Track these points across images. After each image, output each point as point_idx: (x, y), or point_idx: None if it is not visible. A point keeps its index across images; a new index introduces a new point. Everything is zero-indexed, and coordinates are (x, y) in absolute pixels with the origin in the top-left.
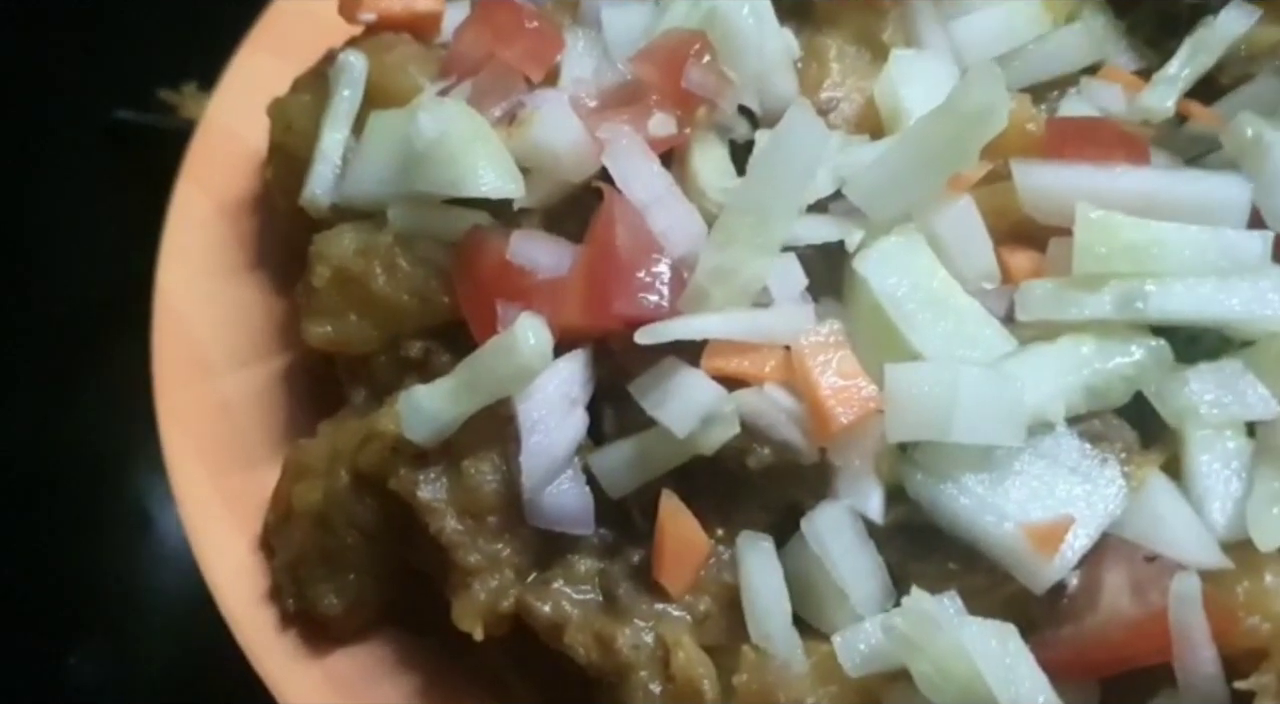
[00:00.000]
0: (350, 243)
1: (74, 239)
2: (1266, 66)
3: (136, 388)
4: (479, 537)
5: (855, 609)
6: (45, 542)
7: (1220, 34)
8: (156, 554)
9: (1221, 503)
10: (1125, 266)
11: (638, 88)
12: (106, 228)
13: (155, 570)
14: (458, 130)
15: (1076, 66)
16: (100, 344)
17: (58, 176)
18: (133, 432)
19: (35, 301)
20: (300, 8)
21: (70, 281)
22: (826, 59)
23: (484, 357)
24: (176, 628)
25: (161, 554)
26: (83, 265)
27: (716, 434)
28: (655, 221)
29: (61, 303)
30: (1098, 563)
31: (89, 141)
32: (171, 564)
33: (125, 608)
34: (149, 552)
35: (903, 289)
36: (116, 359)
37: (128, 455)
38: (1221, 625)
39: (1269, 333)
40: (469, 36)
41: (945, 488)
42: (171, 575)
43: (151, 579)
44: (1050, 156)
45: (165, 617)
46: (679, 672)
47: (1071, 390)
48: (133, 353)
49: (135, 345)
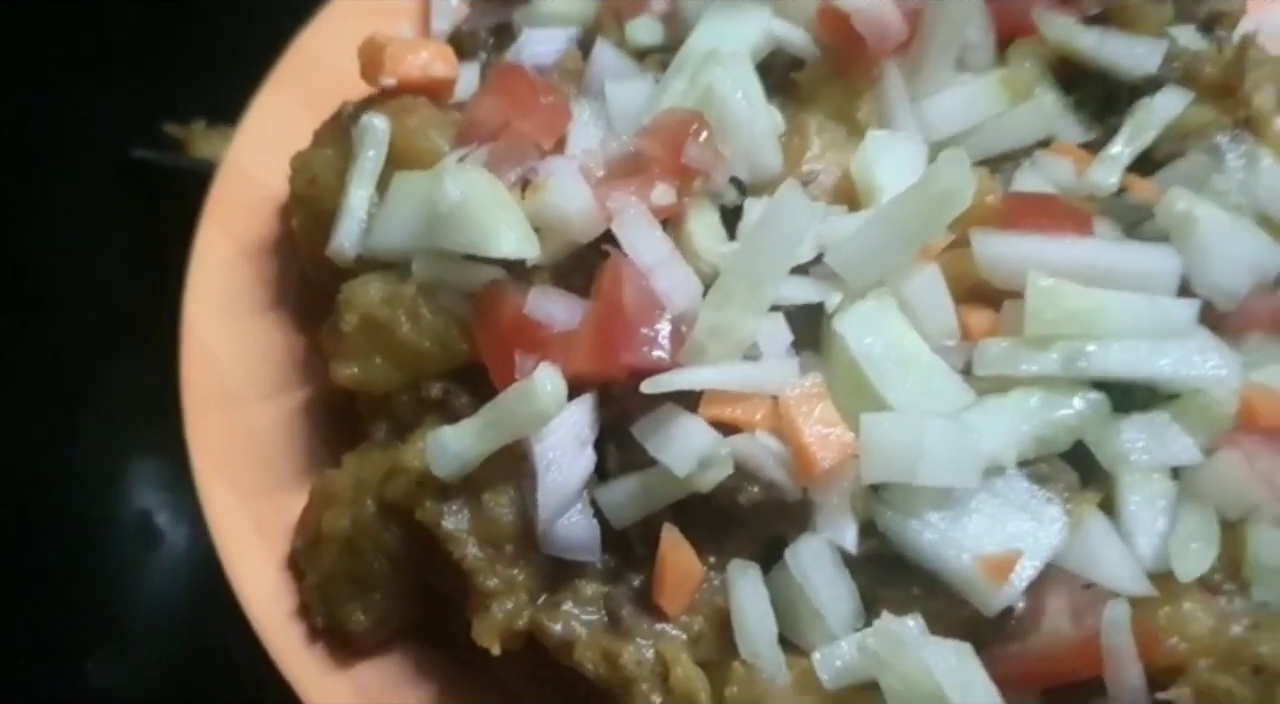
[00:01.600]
0: (376, 292)
1: (89, 266)
2: (1196, 145)
3: (142, 406)
4: (497, 563)
5: (831, 629)
6: (60, 554)
7: (1157, 115)
8: (165, 565)
9: (1148, 538)
10: (1070, 329)
11: (642, 160)
12: (119, 257)
13: (164, 581)
14: (479, 195)
15: (1030, 140)
16: (110, 363)
17: (77, 208)
18: (138, 447)
19: (50, 324)
20: (315, 55)
21: (83, 306)
22: (809, 134)
23: (504, 402)
24: (183, 633)
25: (170, 565)
26: (96, 291)
27: (713, 474)
28: (658, 283)
29: (74, 325)
30: (1042, 590)
31: (108, 177)
32: (179, 575)
33: (136, 616)
34: (158, 563)
35: (876, 347)
36: (126, 377)
37: (136, 471)
38: (1146, 645)
39: (1193, 389)
40: (486, 105)
41: (911, 523)
42: (179, 585)
43: (160, 589)
44: (1007, 227)
45: (173, 623)
46: (677, 684)
47: (1022, 438)
48: (140, 370)
49: (142, 364)
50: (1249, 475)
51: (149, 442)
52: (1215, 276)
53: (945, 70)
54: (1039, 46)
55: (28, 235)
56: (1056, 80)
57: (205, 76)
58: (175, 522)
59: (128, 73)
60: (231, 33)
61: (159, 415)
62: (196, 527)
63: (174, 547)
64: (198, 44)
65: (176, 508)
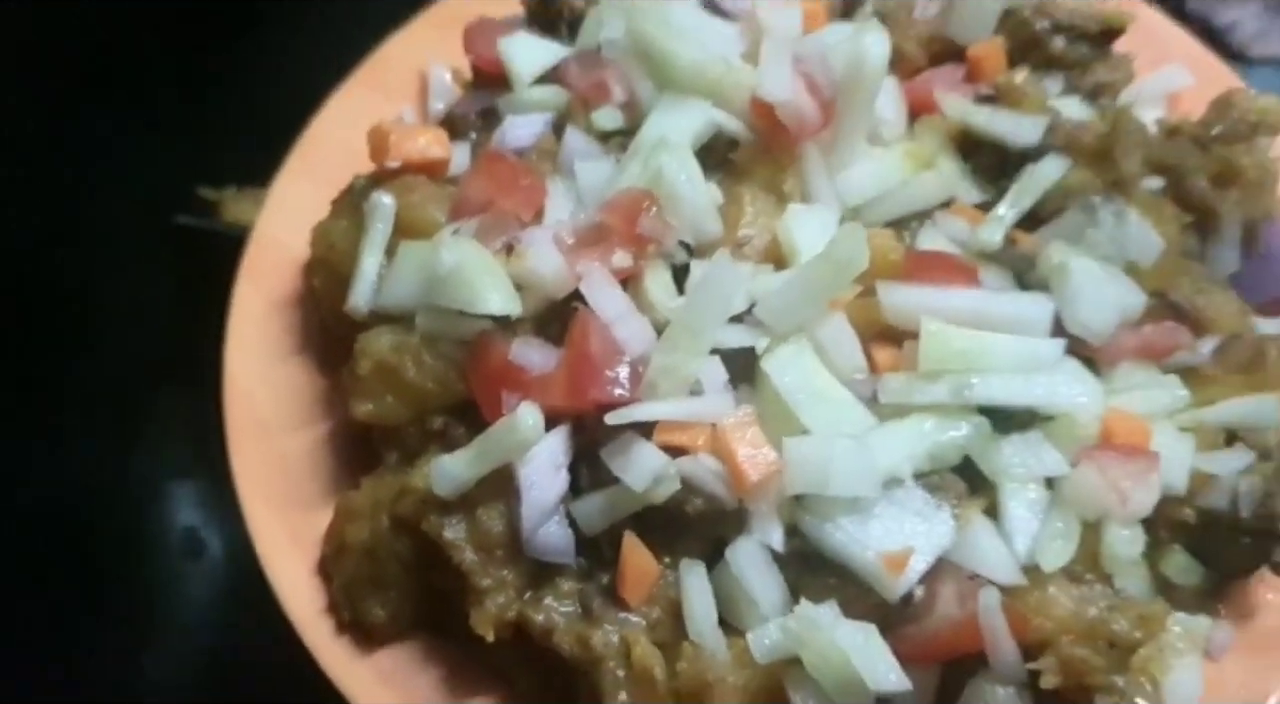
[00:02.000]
0: (387, 342)
1: (137, 314)
2: (1074, 203)
3: (185, 436)
4: (489, 565)
5: (763, 615)
6: (117, 562)
7: (1039, 179)
8: (208, 573)
9: (1023, 538)
10: (956, 365)
11: (605, 230)
12: (163, 307)
13: (207, 587)
14: (470, 261)
15: (934, 203)
16: (156, 398)
17: (126, 264)
18: (181, 471)
19: (104, 364)
20: (328, 135)
21: (132, 349)
22: (743, 204)
23: (494, 433)
24: (226, 632)
25: (212, 573)
26: (143, 336)
27: (664, 489)
28: (619, 332)
29: (125, 365)
30: (935, 581)
31: (152, 238)
32: (220, 582)
33: (184, 616)
34: (201, 572)
35: (795, 383)
36: (170, 411)
37: (180, 491)
38: (1017, 624)
39: (1061, 413)
40: (475, 185)
41: (825, 526)
42: (220, 590)
43: (204, 594)
44: (907, 279)
45: (216, 623)
46: (638, 661)
47: (917, 455)
48: (182, 405)
49: (184, 400)
50: (1103, 485)
51: (191, 466)
52: (1085, 317)
53: (858, 146)
54: (941, 121)
55: (84, 288)
56: (956, 150)
57: (234, 147)
58: (215, 536)
59: (168, 144)
60: (257, 109)
61: (199, 443)
62: (233, 540)
63: (214, 557)
64: (228, 119)
65: (216, 524)
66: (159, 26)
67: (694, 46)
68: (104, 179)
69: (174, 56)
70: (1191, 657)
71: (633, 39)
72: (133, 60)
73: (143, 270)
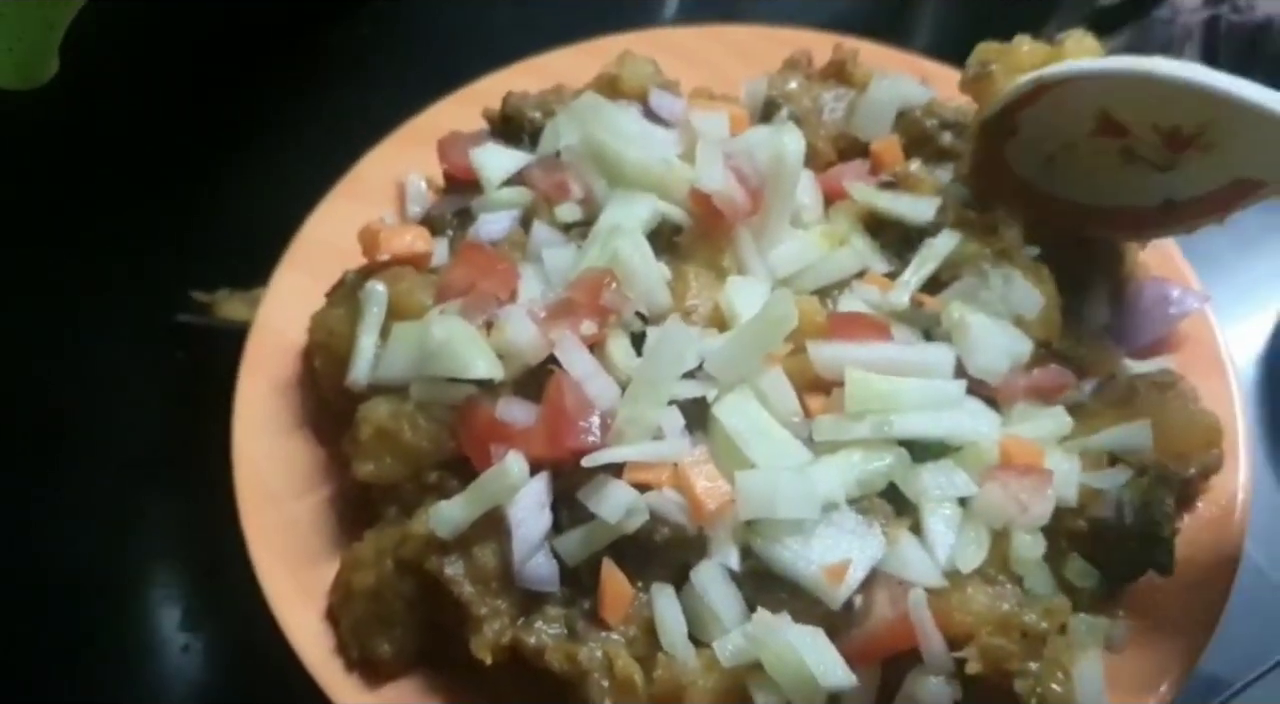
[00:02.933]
0: (384, 410)
1: (135, 407)
2: (968, 269)
3: (187, 520)
4: (486, 596)
5: (725, 627)
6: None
7: (937, 250)
8: (197, 667)
9: (943, 548)
10: (877, 406)
11: (572, 304)
12: (158, 401)
13: (197, 676)
14: (458, 335)
15: (849, 274)
16: (153, 490)
17: (124, 362)
18: (184, 556)
19: (96, 453)
20: (317, 238)
21: (122, 444)
22: (688, 279)
23: (485, 480)
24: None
25: (202, 666)
26: (138, 429)
27: (634, 520)
28: (589, 389)
29: (115, 459)
30: (870, 589)
31: (148, 336)
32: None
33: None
34: (191, 665)
35: (742, 425)
36: (169, 501)
37: (182, 569)
38: (942, 620)
39: (967, 442)
40: (458, 272)
41: (775, 547)
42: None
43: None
44: (831, 337)
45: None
46: (620, 672)
47: (849, 483)
48: (175, 501)
49: (177, 495)
50: (1006, 498)
51: (191, 550)
52: (982, 362)
53: (783, 228)
54: (851, 205)
55: (84, 386)
56: (865, 229)
57: (225, 256)
58: (213, 608)
59: (162, 254)
60: (242, 220)
61: (202, 524)
62: (223, 635)
63: (205, 650)
64: (216, 230)
65: (215, 595)
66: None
67: (639, 149)
68: (102, 281)
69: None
70: (1094, 650)
71: (587, 145)
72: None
73: (146, 369)
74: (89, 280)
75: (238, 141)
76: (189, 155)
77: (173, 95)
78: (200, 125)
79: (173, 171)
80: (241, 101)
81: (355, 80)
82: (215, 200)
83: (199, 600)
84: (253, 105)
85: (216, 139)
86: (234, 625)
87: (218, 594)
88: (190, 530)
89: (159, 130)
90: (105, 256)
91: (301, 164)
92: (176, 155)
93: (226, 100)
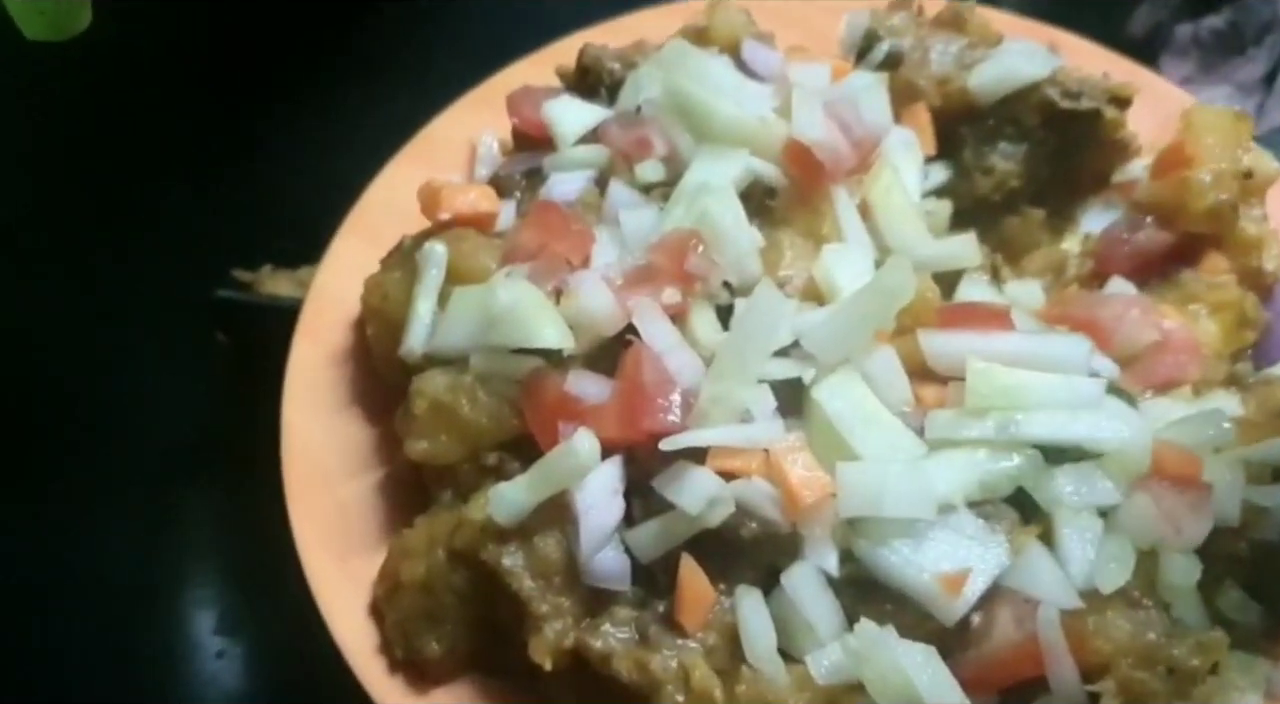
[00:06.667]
0: (441, 382)
1: (174, 394)
2: None
3: (227, 511)
4: (548, 592)
5: (821, 640)
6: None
7: None
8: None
9: (1079, 564)
10: (1002, 402)
11: (653, 270)
12: (199, 386)
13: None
14: (525, 301)
15: (967, 264)
16: (189, 484)
17: (164, 347)
18: (221, 548)
19: (132, 445)
20: (375, 204)
21: (159, 434)
22: (782, 248)
23: (551, 461)
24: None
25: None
26: (177, 417)
27: (719, 513)
28: (670, 364)
29: (158, 443)
30: (993, 606)
31: (192, 314)
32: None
33: None
34: (229, 668)
35: (845, 409)
36: (207, 494)
37: (224, 563)
38: (1076, 646)
39: (1111, 449)
40: (527, 232)
41: (880, 550)
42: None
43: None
44: (944, 328)
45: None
46: (697, 686)
47: (969, 484)
48: (218, 491)
49: (215, 487)
50: (1156, 514)
51: (230, 543)
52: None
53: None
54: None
55: (120, 372)
56: None
57: (269, 234)
58: (252, 611)
59: (201, 230)
60: (289, 197)
61: (242, 519)
62: (261, 637)
63: (243, 652)
64: (261, 207)
65: (254, 597)
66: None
67: (731, 101)
68: (139, 258)
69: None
70: (1253, 696)
71: (672, 97)
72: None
73: (186, 348)
74: (124, 257)
75: (286, 113)
76: (232, 124)
77: (214, 67)
78: (246, 95)
79: (210, 143)
80: (288, 73)
81: (410, 57)
82: (260, 175)
83: (237, 603)
84: (301, 75)
85: (262, 110)
86: (274, 631)
87: (257, 596)
88: (229, 526)
89: (197, 101)
90: (140, 233)
91: (354, 134)
92: (215, 125)
93: (271, 72)
